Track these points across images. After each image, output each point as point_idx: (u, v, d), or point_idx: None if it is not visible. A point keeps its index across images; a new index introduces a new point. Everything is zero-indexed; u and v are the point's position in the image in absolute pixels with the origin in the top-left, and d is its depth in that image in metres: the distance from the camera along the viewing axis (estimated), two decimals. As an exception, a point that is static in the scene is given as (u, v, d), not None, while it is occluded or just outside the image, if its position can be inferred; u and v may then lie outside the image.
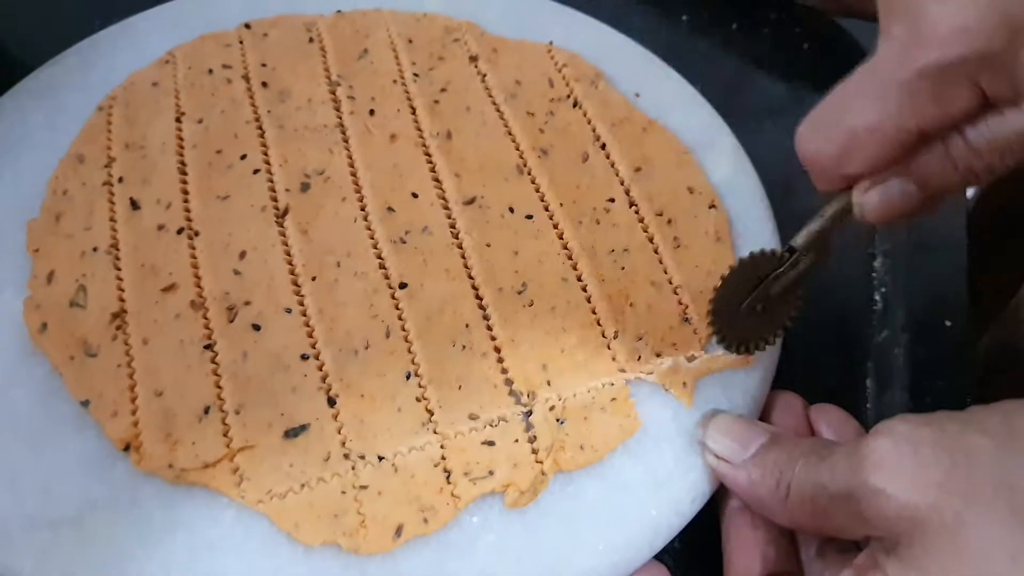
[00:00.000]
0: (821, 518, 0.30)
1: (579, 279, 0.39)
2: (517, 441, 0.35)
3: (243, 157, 0.42)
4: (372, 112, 0.44)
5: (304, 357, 0.36)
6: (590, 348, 0.37)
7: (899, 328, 0.43)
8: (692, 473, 0.35)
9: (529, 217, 0.41)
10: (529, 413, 0.35)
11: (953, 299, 0.43)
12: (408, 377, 0.36)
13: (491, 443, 0.35)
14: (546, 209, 0.41)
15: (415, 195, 0.41)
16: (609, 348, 0.37)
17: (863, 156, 0.31)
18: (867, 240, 0.46)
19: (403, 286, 0.38)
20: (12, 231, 0.40)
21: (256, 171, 0.42)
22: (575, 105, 0.45)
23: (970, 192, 0.48)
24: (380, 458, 0.34)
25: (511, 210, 0.41)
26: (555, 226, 0.41)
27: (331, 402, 0.35)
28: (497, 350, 0.37)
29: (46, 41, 0.48)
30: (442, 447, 0.34)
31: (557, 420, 0.35)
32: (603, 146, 0.44)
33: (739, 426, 0.34)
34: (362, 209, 0.41)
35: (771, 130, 0.51)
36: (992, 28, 0.29)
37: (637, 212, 0.41)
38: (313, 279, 0.38)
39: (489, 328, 0.37)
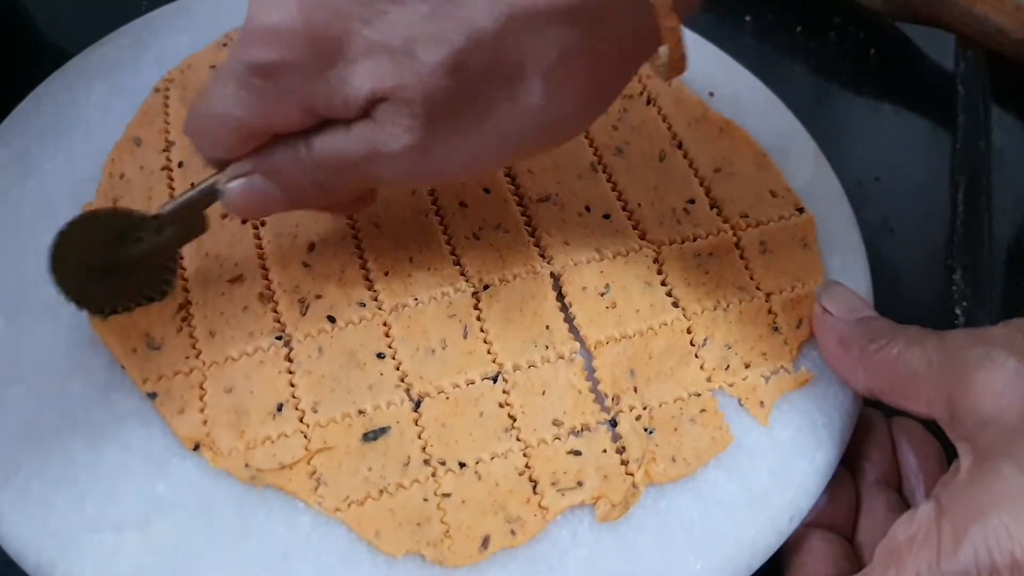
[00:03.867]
0: (899, 390, 0.31)
1: (663, 283, 0.37)
2: (605, 451, 0.33)
3: (308, 145, 0.40)
4: (440, 103, 0.42)
5: (380, 356, 0.34)
6: (678, 355, 0.35)
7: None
8: (789, 490, 0.33)
9: (606, 217, 0.39)
10: (614, 423, 0.34)
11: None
12: (490, 380, 0.34)
13: (577, 452, 0.33)
14: (624, 208, 0.40)
15: (487, 191, 0.39)
16: (697, 356, 0.35)
17: (213, 142, 0.30)
18: (946, 252, 0.45)
19: (480, 283, 0.36)
20: (67, 214, 0.37)
21: (322, 160, 0.40)
22: (649, 102, 0.44)
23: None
24: (461, 464, 0.32)
25: (588, 209, 0.39)
26: (635, 226, 0.39)
27: (412, 404, 0.33)
28: (581, 354, 0.35)
29: (89, 26, 0.46)
30: (525, 455, 0.33)
31: (645, 430, 0.34)
32: (679, 145, 0.42)
33: (856, 297, 0.35)
34: (434, 203, 0.39)
35: (840, 136, 0.50)
36: (296, 36, 0.27)
37: (720, 213, 0.40)
38: (386, 274, 0.36)
39: (573, 331, 0.36)
